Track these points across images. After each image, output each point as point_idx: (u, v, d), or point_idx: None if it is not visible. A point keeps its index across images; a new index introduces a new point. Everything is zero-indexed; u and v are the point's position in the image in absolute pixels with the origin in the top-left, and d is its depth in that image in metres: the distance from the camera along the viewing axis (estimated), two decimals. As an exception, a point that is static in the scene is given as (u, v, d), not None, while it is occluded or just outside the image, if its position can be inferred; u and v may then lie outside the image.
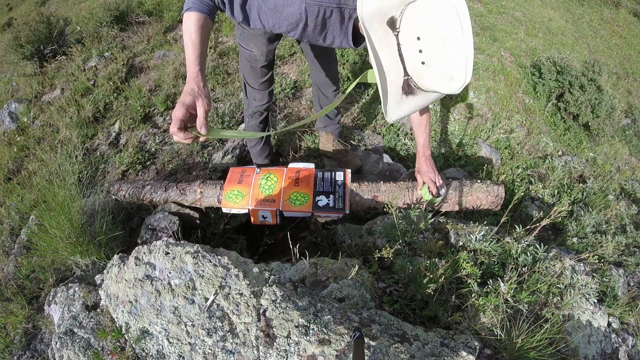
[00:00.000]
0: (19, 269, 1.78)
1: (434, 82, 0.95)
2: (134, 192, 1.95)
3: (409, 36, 0.92)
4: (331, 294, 1.34)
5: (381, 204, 1.86)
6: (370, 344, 1.09)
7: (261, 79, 1.80)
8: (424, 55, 0.92)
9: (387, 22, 0.95)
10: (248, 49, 1.66)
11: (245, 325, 1.18)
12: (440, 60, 0.91)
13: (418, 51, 0.92)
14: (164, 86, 3.05)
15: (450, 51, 0.90)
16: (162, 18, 3.96)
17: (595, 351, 1.47)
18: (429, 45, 0.91)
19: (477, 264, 1.48)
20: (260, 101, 1.91)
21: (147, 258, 1.35)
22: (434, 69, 0.93)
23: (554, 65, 3.49)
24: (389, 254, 1.40)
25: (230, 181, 1.88)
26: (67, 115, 2.93)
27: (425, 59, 0.92)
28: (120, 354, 1.21)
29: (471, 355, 1.11)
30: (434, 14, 0.88)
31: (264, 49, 1.64)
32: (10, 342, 1.51)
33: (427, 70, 0.94)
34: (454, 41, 0.88)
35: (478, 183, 1.90)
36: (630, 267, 1.97)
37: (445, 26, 0.88)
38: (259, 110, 1.97)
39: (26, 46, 3.59)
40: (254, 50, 1.65)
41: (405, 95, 1.01)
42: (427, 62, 0.93)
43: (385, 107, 1.01)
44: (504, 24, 4.49)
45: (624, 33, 6.52)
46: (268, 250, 2.02)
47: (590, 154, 3.17)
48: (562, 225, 2.17)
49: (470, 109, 3.09)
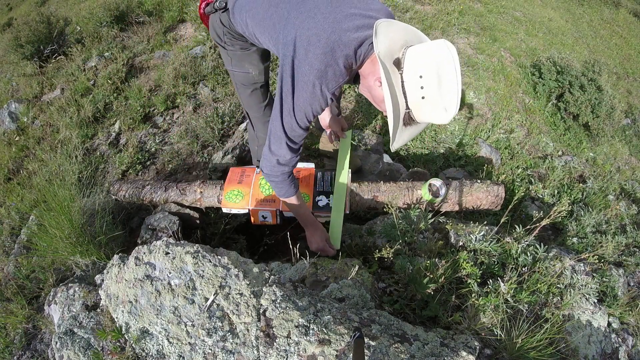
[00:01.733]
0: (19, 269, 1.78)
1: (430, 113, 1.11)
2: (134, 192, 1.95)
3: (413, 74, 1.07)
4: (331, 294, 1.34)
5: (381, 204, 1.86)
6: (370, 344, 1.09)
7: (263, 102, 1.77)
8: (424, 91, 1.07)
9: (394, 62, 1.09)
10: (244, 71, 1.63)
11: (245, 325, 1.18)
12: (438, 96, 1.07)
13: (420, 87, 1.07)
14: (164, 86, 3.05)
15: (447, 88, 1.06)
16: (162, 18, 3.95)
17: (595, 351, 1.47)
18: (429, 83, 1.06)
19: (477, 264, 1.48)
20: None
21: (147, 258, 1.35)
22: (432, 103, 1.08)
23: (554, 65, 3.49)
24: (389, 254, 1.40)
25: (230, 181, 1.88)
26: (67, 115, 2.93)
27: (426, 94, 1.07)
28: (120, 354, 1.21)
29: (471, 355, 1.11)
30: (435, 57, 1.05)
31: (261, 66, 1.62)
32: (10, 342, 1.51)
33: (426, 103, 1.09)
34: (449, 80, 1.05)
35: (478, 183, 1.90)
36: (630, 267, 1.97)
37: (444, 68, 1.04)
38: None
39: (26, 46, 3.59)
40: (251, 70, 1.62)
41: (404, 126, 1.16)
42: (427, 97, 1.08)
43: (393, 137, 1.15)
44: (504, 24, 4.49)
45: (624, 33, 6.52)
46: (268, 250, 2.02)
47: (590, 154, 3.17)
48: (562, 225, 2.17)
49: (470, 109, 3.09)
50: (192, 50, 3.38)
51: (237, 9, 1.38)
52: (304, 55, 1.12)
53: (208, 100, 2.90)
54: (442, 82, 1.05)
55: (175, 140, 2.65)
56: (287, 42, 1.15)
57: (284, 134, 1.26)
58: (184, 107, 2.90)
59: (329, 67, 1.13)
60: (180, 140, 2.62)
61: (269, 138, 1.31)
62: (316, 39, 1.10)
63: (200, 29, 3.67)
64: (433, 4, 4.30)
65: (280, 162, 1.33)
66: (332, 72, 1.14)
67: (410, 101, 1.10)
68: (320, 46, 1.10)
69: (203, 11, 1.54)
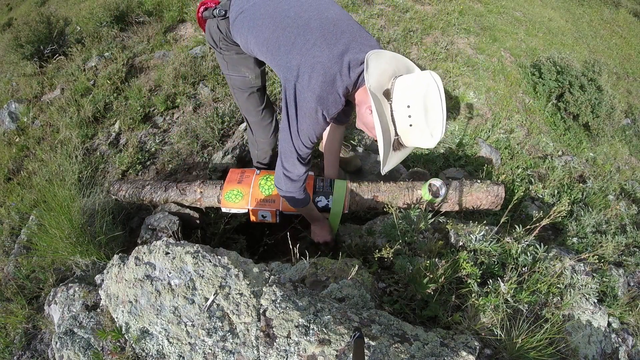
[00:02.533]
0: (19, 269, 1.78)
1: (417, 139, 1.20)
2: (134, 192, 1.95)
3: (401, 104, 1.16)
4: (331, 294, 1.34)
5: (381, 204, 1.86)
6: (370, 344, 1.09)
7: (260, 106, 1.78)
8: (412, 119, 1.16)
9: (384, 93, 1.18)
10: (240, 75, 1.64)
11: (245, 325, 1.18)
12: (424, 123, 1.16)
13: (408, 116, 1.16)
14: (164, 86, 3.05)
15: (432, 116, 1.15)
16: (162, 18, 3.95)
17: (595, 351, 1.47)
18: (417, 112, 1.15)
19: (477, 264, 1.48)
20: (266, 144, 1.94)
21: (147, 258, 1.35)
22: (419, 130, 1.17)
23: (554, 65, 3.49)
24: (389, 254, 1.40)
25: (230, 181, 1.88)
26: (67, 115, 2.93)
27: (413, 122, 1.17)
28: (120, 354, 1.21)
29: (471, 355, 1.11)
30: (422, 88, 1.14)
31: (257, 70, 1.63)
32: (10, 342, 1.51)
33: (414, 130, 1.18)
34: (435, 109, 1.15)
35: (478, 183, 1.90)
36: (630, 267, 1.97)
37: (430, 97, 1.14)
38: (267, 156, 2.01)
39: (26, 46, 3.59)
40: (247, 74, 1.63)
41: (393, 151, 1.25)
42: (414, 125, 1.17)
43: (383, 162, 1.23)
44: (504, 24, 4.49)
45: (624, 33, 6.52)
46: (268, 250, 2.02)
47: (590, 154, 3.17)
48: (562, 225, 2.17)
49: (470, 109, 3.09)
50: (192, 50, 3.38)
51: (239, 23, 1.40)
52: (307, 81, 1.20)
53: (208, 100, 2.90)
54: (428, 111, 1.14)
55: (175, 140, 2.65)
56: (292, 67, 1.23)
57: (295, 151, 1.35)
58: (184, 107, 2.90)
59: (329, 95, 1.21)
60: (180, 140, 2.62)
61: (280, 158, 1.41)
62: (320, 68, 1.19)
63: (200, 29, 3.67)
64: (433, 4, 4.30)
65: (292, 178, 1.43)
66: (333, 99, 1.22)
67: (399, 128, 1.20)
68: (323, 75, 1.19)
69: (201, 15, 1.55)
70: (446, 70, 3.36)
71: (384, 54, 1.19)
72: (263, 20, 1.32)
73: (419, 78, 1.15)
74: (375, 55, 1.16)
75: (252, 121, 1.85)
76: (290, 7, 1.29)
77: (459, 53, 3.59)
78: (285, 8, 1.29)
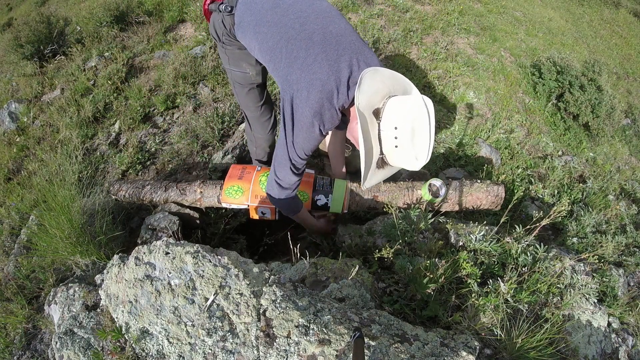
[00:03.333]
0: (19, 269, 1.78)
1: (402, 160, 1.22)
2: (134, 192, 1.95)
3: (389, 125, 1.18)
4: (331, 294, 1.34)
5: (381, 204, 1.86)
6: (370, 344, 1.09)
7: (260, 102, 1.79)
8: (398, 140, 1.18)
9: (373, 112, 1.19)
10: (241, 70, 1.65)
11: (245, 325, 1.18)
12: (410, 146, 1.17)
13: (394, 137, 1.18)
14: (164, 86, 3.05)
15: (419, 140, 1.16)
16: (162, 18, 3.95)
17: (595, 351, 1.47)
18: (403, 134, 1.16)
19: (477, 264, 1.48)
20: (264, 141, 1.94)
21: (147, 258, 1.35)
22: (404, 151, 1.19)
23: (554, 65, 3.49)
24: (389, 254, 1.40)
25: (231, 177, 1.88)
26: (67, 115, 2.93)
27: (399, 143, 1.18)
28: (120, 354, 1.21)
29: (471, 355, 1.11)
30: (411, 111, 1.14)
31: (258, 67, 1.64)
32: (10, 342, 1.51)
33: (399, 152, 1.20)
34: (422, 133, 1.15)
35: (478, 183, 1.90)
36: (630, 267, 1.97)
37: (418, 122, 1.14)
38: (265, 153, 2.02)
39: (26, 46, 3.59)
40: (248, 70, 1.64)
41: (377, 168, 1.27)
42: (400, 146, 1.18)
43: (364, 178, 1.25)
44: (504, 24, 4.49)
45: (624, 33, 6.52)
46: (268, 250, 2.02)
47: (590, 154, 3.17)
48: (562, 225, 2.17)
49: (470, 109, 3.09)
50: (192, 50, 3.38)
51: (245, 25, 1.41)
52: (306, 97, 1.22)
53: (208, 100, 2.90)
54: (415, 134, 1.15)
55: (175, 140, 2.65)
56: (291, 81, 1.25)
57: (289, 161, 1.36)
58: (184, 107, 2.90)
59: (326, 110, 1.23)
60: (180, 140, 2.62)
61: (273, 165, 1.42)
62: (319, 84, 1.20)
63: (200, 29, 3.67)
64: (433, 4, 4.30)
65: (284, 186, 1.44)
66: (329, 115, 1.24)
67: (385, 148, 1.22)
68: (320, 91, 1.20)
69: (207, 7, 1.56)
70: (446, 70, 3.36)
71: (382, 72, 1.21)
72: (269, 27, 1.32)
73: (410, 101, 1.16)
74: (372, 73, 1.17)
75: (251, 116, 1.86)
76: (296, 18, 1.29)
77: (459, 53, 3.59)
78: (292, 18, 1.30)
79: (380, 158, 1.25)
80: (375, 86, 1.18)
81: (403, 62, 3.35)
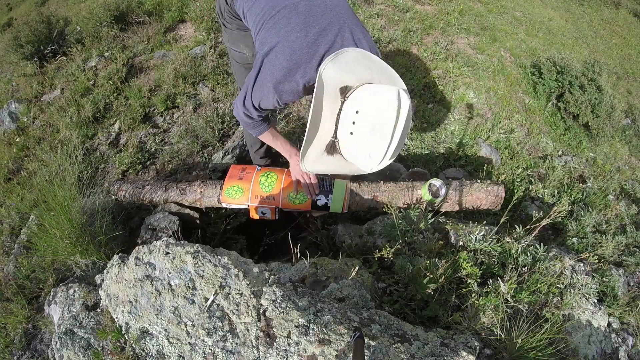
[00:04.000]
0: (19, 269, 1.78)
1: (353, 152, 1.09)
2: (134, 192, 1.95)
3: (351, 107, 1.05)
4: (331, 294, 1.34)
5: (381, 204, 1.86)
6: (370, 344, 1.09)
7: None
8: (355, 127, 1.04)
9: (341, 88, 1.07)
10: (238, 50, 1.67)
11: (245, 325, 1.18)
12: (366, 139, 1.03)
13: (352, 122, 1.05)
14: (164, 86, 3.05)
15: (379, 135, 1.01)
16: (162, 18, 3.95)
17: (595, 351, 1.47)
18: (363, 121, 1.03)
19: (477, 264, 1.48)
20: None
21: (147, 258, 1.35)
22: (359, 143, 1.05)
23: (554, 65, 3.49)
24: (389, 254, 1.40)
25: (231, 177, 1.88)
26: (67, 115, 2.92)
27: (355, 130, 1.05)
28: (120, 354, 1.21)
29: (471, 355, 1.11)
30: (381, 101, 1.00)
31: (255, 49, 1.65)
32: (10, 342, 1.51)
33: (353, 141, 1.07)
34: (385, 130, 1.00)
35: (478, 183, 1.90)
36: (630, 267, 1.97)
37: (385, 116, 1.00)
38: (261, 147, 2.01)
39: (26, 46, 3.59)
40: (245, 51, 1.66)
41: (327, 154, 1.14)
42: (355, 134, 1.05)
43: (303, 153, 1.13)
44: (504, 24, 4.49)
45: (624, 33, 6.52)
46: (268, 250, 2.02)
47: (590, 154, 3.17)
48: (562, 225, 2.17)
49: (470, 109, 3.09)
50: (192, 50, 3.38)
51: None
52: (274, 59, 1.17)
53: (208, 100, 2.90)
54: (376, 128, 1.02)
55: (175, 140, 2.65)
56: (265, 43, 1.22)
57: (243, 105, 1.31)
58: (184, 107, 2.90)
59: (288, 82, 1.16)
60: (180, 140, 2.62)
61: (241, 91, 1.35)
62: (289, 52, 1.14)
63: (200, 29, 3.67)
64: (433, 4, 4.30)
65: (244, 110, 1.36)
66: (290, 87, 1.18)
67: (340, 132, 1.10)
68: (289, 60, 1.14)
69: None
70: (446, 70, 3.36)
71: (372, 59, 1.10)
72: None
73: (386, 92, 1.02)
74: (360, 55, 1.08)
75: None
76: None
77: (459, 53, 3.59)
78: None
79: (332, 142, 1.12)
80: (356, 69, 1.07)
81: (403, 62, 3.35)
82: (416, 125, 2.84)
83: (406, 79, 3.17)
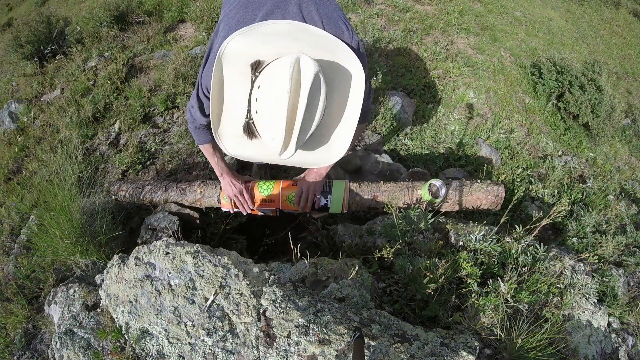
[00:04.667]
0: (19, 269, 1.78)
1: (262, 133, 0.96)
2: (134, 192, 1.95)
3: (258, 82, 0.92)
4: (331, 294, 1.34)
5: (381, 204, 1.86)
6: (370, 344, 1.09)
7: None
8: (258, 104, 0.92)
9: (252, 63, 0.93)
10: None
11: (245, 325, 1.18)
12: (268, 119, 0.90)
13: (255, 99, 0.92)
14: (164, 86, 3.05)
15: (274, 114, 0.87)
16: (162, 18, 3.95)
17: (595, 351, 1.47)
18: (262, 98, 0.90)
19: (477, 264, 1.48)
20: None
21: (147, 258, 1.35)
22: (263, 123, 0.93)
23: (554, 65, 3.49)
24: (389, 254, 1.40)
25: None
26: (67, 115, 2.92)
27: (258, 108, 0.92)
28: (120, 354, 1.21)
29: (471, 355, 1.11)
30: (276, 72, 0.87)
31: None
32: (10, 342, 1.51)
33: (259, 121, 0.94)
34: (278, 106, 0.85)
35: (478, 183, 1.90)
36: (630, 267, 1.97)
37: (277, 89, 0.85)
38: None
39: (26, 46, 3.58)
40: None
41: (247, 137, 1.00)
42: (259, 113, 0.92)
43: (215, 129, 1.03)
44: (504, 24, 4.49)
45: (624, 33, 6.52)
46: (268, 250, 2.02)
47: (590, 154, 3.17)
48: (562, 225, 2.17)
49: (470, 109, 3.09)
50: (192, 50, 3.38)
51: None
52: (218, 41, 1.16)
53: (208, 100, 2.90)
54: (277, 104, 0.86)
55: (175, 140, 2.65)
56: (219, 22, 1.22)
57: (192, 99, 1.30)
58: (184, 107, 2.90)
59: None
60: (180, 140, 2.62)
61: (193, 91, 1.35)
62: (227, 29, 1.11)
63: (200, 29, 3.67)
64: (433, 4, 4.30)
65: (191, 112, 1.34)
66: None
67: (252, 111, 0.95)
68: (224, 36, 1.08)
69: None
70: (446, 70, 3.36)
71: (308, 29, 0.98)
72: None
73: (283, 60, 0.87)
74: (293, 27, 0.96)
75: None
76: None
77: (459, 53, 3.59)
78: None
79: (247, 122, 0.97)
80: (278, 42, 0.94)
81: (403, 62, 3.35)
82: (416, 125, 2.84)
83: (406, 79, 3.17)
